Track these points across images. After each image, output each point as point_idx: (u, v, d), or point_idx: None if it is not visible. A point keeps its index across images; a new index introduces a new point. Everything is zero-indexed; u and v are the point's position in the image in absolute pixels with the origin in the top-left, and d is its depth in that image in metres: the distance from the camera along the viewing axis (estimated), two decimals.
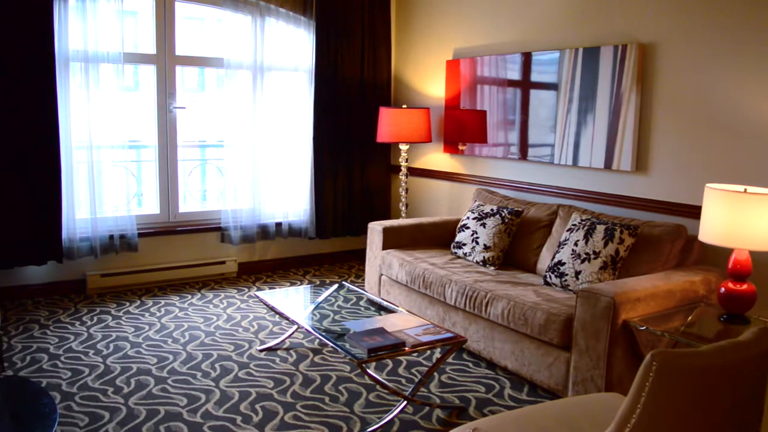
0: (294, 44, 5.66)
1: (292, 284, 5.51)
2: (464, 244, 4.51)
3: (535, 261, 4.30)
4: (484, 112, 5.14)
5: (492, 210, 4.50)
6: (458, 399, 3.41)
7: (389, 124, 5.38)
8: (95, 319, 4.54)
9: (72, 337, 4.19)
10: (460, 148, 5.42)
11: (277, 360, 3.87)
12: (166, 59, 5.27)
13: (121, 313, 4.66)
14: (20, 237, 4.66)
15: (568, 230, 3.94)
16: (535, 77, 4.73)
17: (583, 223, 3.85)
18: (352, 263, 6.27)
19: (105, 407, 3.26)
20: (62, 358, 3.86)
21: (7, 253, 4.60)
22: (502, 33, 4.99)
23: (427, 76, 5.82)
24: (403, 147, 5.55)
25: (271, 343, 4.11)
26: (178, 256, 5.46)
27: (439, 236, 4.92)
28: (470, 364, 3.86)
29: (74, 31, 4.76)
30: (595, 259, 3.66)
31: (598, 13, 4.28)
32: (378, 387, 3.50)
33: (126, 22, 4.99)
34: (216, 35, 5.51)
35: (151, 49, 5.24)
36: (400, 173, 5.63)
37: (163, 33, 5.24)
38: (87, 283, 5.07)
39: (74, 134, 4.85)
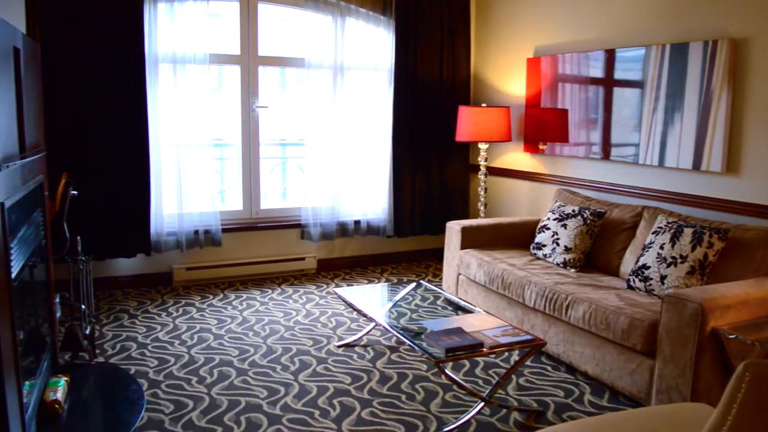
0: (373, 44, 5.70)
1: (370, 282, 5.56)
2: (544, 245, 4.44)
3: (617, 264, 4.18)
4: (566, 110, 5.04)
5: (573, 211, 4.41)
6: (536, 403, 3.37)
7: (468, 123, 5.35)
8: (180, 310, 4.71)
9: (159, 328, 4.36)
10: (541, 147, 5.33)
11: (355, 356, 3.91)
12: (249, 60, 5.41)
13: (204, 306, 4.82)
14: (112, 230, 4.89)
15: (653, 233, 3.82)
16: (618, 75, 4.61)
17: (670, 225, 3.72)
18: (430, 262, 6.26)
19: (189, 396, 3.37)
20: (150, 347, 4.02)
21: (101, 245, 4.82)
22: (585, 30, 4.88)
23: (507, 74, 5.75)
24: (483, 146, 5.51)
25: (349, 339, 4.16)
26: (260, 251, 5.60)
27: (518, 237, 4.86)
28: (549, 368, 3.80)
29: (163, 34, 4.95)
30: (682, 263, 3.53)
31: (686, 7, 4.12)
32: (455, 387, 3.49)
33: (212, 24, 5.14)
34: (297, 36, 5.60)
35: (235, 50, 5.39)
36: (479, 172, 5.59)
37: (247, 34, 5.38)
38: (173, 276, 5.26)
39: (163, 133, 5.05)
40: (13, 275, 2.48)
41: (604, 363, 3.47)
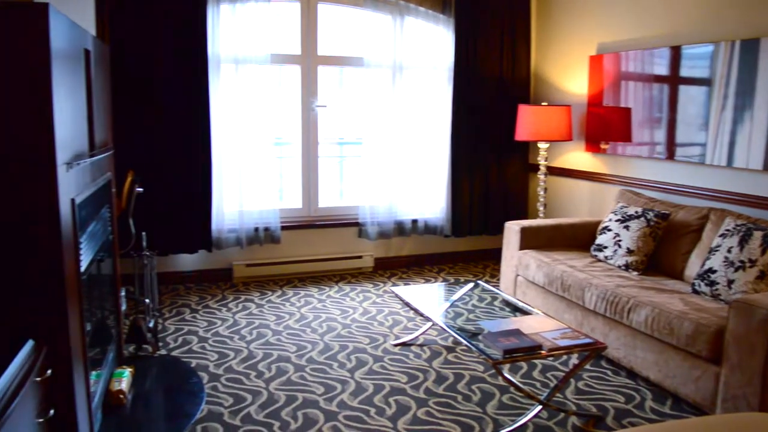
0: (432, 42, 5.69)
1: (427, 281, 5.55)
2: (605, 247, 4.35)
3: (682, 267, 4.07)
4: (629, 109, 4.92)
5: (636, 212, 4.30)
6: (595, 407, 3.30)
7: (528, 122, 5.28)
8: (240, 306, 4.79)
9: (219, 322, 4.45)
10: (603, 146, 5.22)
11: (411, 355, 3.91)
12: (309, 59, 5.46)
13: (263, 302, 4.89)
14: (175, 227, 5.01)
15: (720, 236, 3.69)
16: (684, 72, 4.47)
17: (738, 228, 3.60)
18: (487, 262, 6.21)
19: (248, 390, 3.43)
20: (210, 341, 4.11)
21: (164, 241, 4.94)
22: (649, 26, 4.75)
23: (568, 72, 5.66)
24: (543, 145, 5.43)
25: (406, 338, 4.16)
26: (318, 249, 5.65)
27: (579, 238, 4.77)
28: (609, 372, 3.72)
29: (225, 35, 5.05)
30: (750, 267, 3.41)
31: (756, 1, 3.97)
32: (512, 389, 3.45)
33: (272, 24, 5.22)
34: (356, 35, 5.63)
35: (296, 50, 5.45)
36: (539, 172, 5.51)
37: (307, 34, 5.44)
38: (233, 272, 5.36)
39: (224, 132, 5.15)
40: (82, 269, 2.57)
41: (667, 369, 3.37)
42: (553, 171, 5.80)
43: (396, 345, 4.08)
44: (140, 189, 3.99)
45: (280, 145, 5.73)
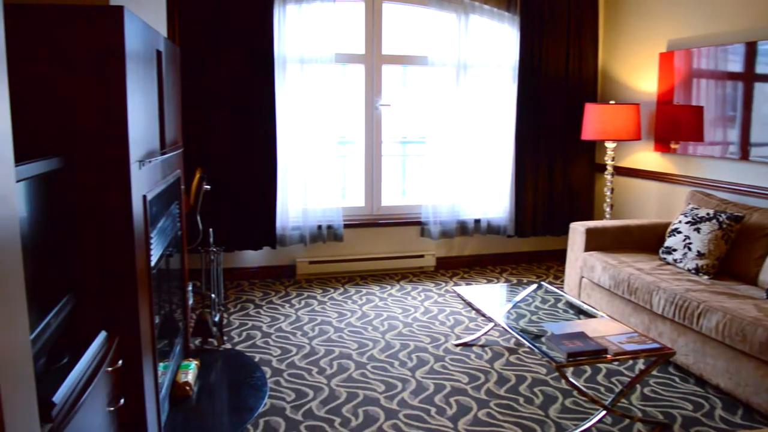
0: (497, 40, 5.63)
1: (489, 281, 5.50)
2: (675, 250, 4.23)
3: (756, 272, 3.91)
4: (701, 107, 4.76)
5: (708, 214, 4.16)
6: (662, 415, 3.21)
7: (595, 120, 5.17)
8: (303, 302, 4.86)
9: (282, 318, 4.51)
10: (673, 146, 5.07)
11: (472, 356, 3.89)
12: (373, 59, 5.49)
13: (326, 299, 4.95)
14: (241, 224, 5.12)
15: None
16: (761, 69, 4.30)
17: None
18: (551, 264, 6.12)
19: (309, 386, 3.47)
20: (273, 337, 4.18)
21: (231, 238, 5.06)
22: (723, 22, 4.58)
23: (637, 69, 5.51)
24: (610, 145, 5.31)
25: (467, 338, 4.14)
26: (380, 247, 5.68)
27: (646, 240, 4.65)
28: (677, 379, 3.61)
29: (291, 35, 5.12)
30: None
31: None
32: (575, 393, 3.39)
33: (337, 24, 5.26)
34: (420, 34, 5.63)
35: (360, 49, 5.49)
36: (606, 172, 5.40)
37: (372, 33, 5.47)
38: (296, 269, 5.44)
39: (289, 131, 5.22)
40: (153, 263, 2.65)
41: (739, 377, 3.25)
42: (620, 171, 5.66)
43: (457, 345, 4.06)
44: (208, 186, 4.09)
45: (344, 144, 5.78)
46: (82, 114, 2.23)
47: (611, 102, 5.43)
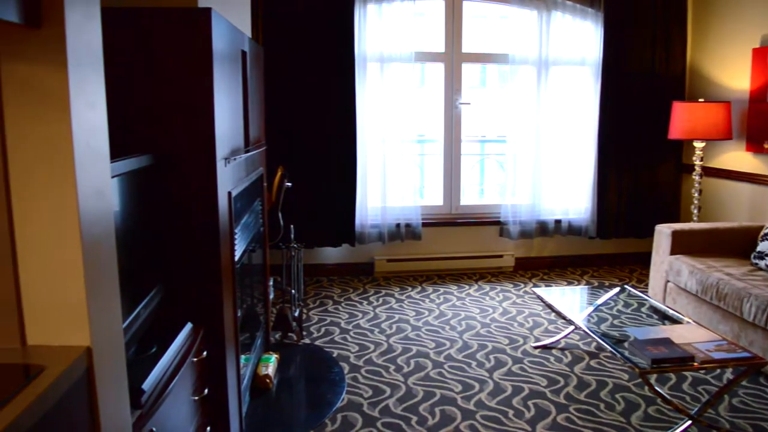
0: (580, 37, 5.50)
1: (569, 283, 5.39)
2: (767, 255, 4.03)
3: None
4: None
5: None
6: (751, 427, 3.06)
7: (683, 119, 4.99)
8: (380, 300, 4.89)
9: (360, 315, 4.56)
10: (766, 146, 4.83)
11: (552, 359, 3.82)
12: (453, 57, 5.47)
13: (403, 297, 4.96)
14: (321, 221, 5.19)
15: None
16: None
17: None
18: (634, 266, 5.94)
19: (386, 383, 3.49)
20: (351, 333, 4.22)
21: (311, 234, 5.14)
22: None
23: (728, 66, 5.27)
24: (698, 144, 5.11)
25: (546, 341, 4.07)
26: (458, 247, 5.65)
27: (737, 244, 4.44)
28: None
29: (372, 34, 5.16)
30: None
31: None
32: (659, 401, 3.27)
33: (417, 23, 5.27)
34: (500, 32, 5.57)
35: (439, 47, 5.47)
36: (694, 173, 5.19)
37: (452, 31, 5.44)
38: (374, 267, 5.48)
39: (369, 129, 5.26)
40: (237, 258, 2.72)
41: None
42: (708, 172, 5.43)
43: (536, 347, 4.00)
44: (289, 184, 4.16)
45: (423, 143, 5.78)
46: (171, 113, 2.31)
47: (700, 100, 5.21)
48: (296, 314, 4.10)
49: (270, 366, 3.48)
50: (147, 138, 2.30)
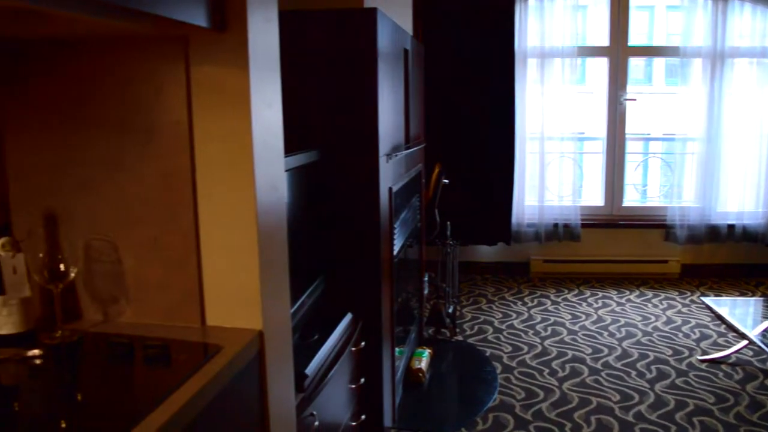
0: (759, 28, 5.04)
1: (742, 294, 4.99)
2: None
3: None
4: None
5: None
6: None
7: None
8: (535, 301, 4.79)
9: (514, 315, 4.49)
10: None
11: (720, 374, 3.56)
12: (619, 50, 5.23)
13: (559, 300, 4.83)
14: (477, 218, 5.18)
15: None
16: None
17: None
18: None
19: (540, 386, 3.42)
20: (504, 333, 4.17)
21: (466, 232, 5.13)
22: None
23: None
24: None
25: (715, 354, 3.79)
26: (619, 250, 5.41)
27: None
28: None
29: (532, 29, 5.06)
30: None
31: None
32: None
33: (579, 16, 5.11)
34: (669, 23, 5.25)
35: (603, 41, 5.26)
36: None
37: (617, 24, 5.20)
38: (530, 267, 5.38)
39: (527, 126, 5.17)
40: (395, 252, 2.78)
41: None
42: None
43: (703, 361, 3.74)
44: (446, 180, 4.18)
45: (582, 140, 5.60)
46: (337, 110, 2.40)
47: None
48: (450, 311, 4.12)
49: (423, 360, 3.53)
50: (312, 134, 2.40)
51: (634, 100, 5.33)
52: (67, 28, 1.29)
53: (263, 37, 1.46)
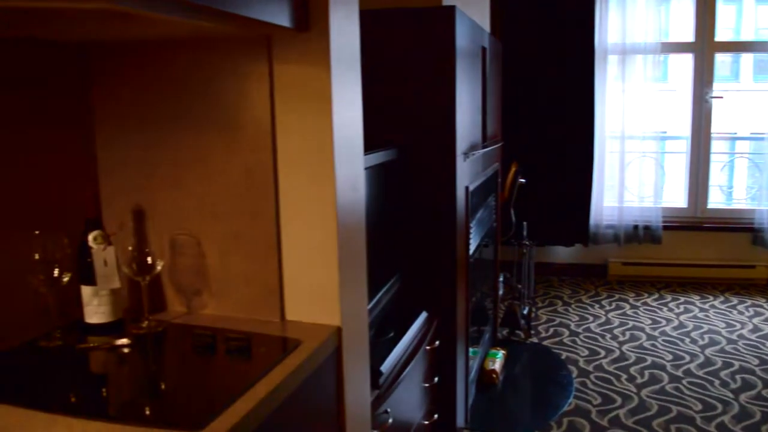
0: None
1: None
2: None
3: None
4: None
5: None
6: None
7: None
8: (613, 304, 4.67)
9: (591, 318, 4.39)
10: None
11: None
12: (704, 46, 5.04)
13: (638, 303, 4.69)
14: (554, 219, 5.09)
15: None
16: None
17: None
18: None
19: (617, 392, 3.33)
20: (581, 336, 4.08)
21: (543, 232, 5.05)
22: None
23: None
24: None
25: None
26: (702, 254, 5.21)
27: None
28: None
29: (613, 25, 4.93)
30: None
31: None
32: None
33: (663, 12, 4.94)
34: (756, 17, 5.01)
35: (688, 37, 5.07)
36: None
37: (703, 19, 5.01)
38: (608, 269, 5.25)
39: (607, 124, 5.05)
40: (471, 252, 2.76)
41: None
42: None
43: None
44: (523, 180, 4.13)
45: (664, 139, 5.41)
46: (416, 108, 2.40)
47: None
48: (525, 312, 4.07)
49: (497, 361, 3.49)
50: (390, 132, 2.41)
51: (721, 97, 5.12)
52: (156, 30, 1.34)
53: (345, 36, 1.47)
